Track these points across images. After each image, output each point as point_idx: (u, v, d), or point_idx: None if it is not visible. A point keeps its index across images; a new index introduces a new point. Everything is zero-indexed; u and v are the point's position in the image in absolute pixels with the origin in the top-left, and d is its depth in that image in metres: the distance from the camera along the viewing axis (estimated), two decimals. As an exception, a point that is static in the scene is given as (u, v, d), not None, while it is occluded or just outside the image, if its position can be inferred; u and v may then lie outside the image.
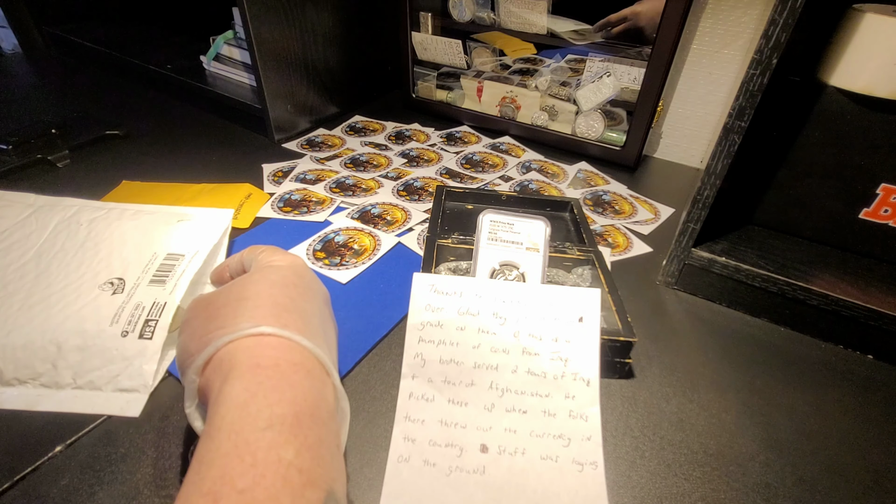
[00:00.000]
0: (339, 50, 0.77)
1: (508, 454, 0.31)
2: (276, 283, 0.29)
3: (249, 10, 0.62)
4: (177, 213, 0.48)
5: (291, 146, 0.72)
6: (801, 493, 0.32)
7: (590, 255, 0.46)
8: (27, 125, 0.69)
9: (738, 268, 0.45)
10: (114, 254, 0.43)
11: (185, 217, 0.48)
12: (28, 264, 0.42)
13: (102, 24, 1.07)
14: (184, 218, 0.48)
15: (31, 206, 0.48)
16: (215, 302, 0.28)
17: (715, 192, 0.42)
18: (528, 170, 0.68)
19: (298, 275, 0.31)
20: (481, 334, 0.33)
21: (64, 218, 0.46)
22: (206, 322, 0.27)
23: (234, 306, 0.27)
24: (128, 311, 0.38)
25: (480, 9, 0.75)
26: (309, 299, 0.29)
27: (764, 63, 0.37)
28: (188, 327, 0.28)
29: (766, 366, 0.41)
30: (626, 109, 0.71)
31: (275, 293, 0.28)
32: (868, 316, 0.41)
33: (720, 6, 0.64)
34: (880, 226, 0.45)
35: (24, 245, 0.43)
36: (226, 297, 0.28)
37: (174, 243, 0.44)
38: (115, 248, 0.43)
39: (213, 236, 0.46)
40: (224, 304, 0.27)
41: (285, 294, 0.28)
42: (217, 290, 0.30)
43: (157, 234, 0.45)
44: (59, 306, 0.38)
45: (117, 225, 0.46)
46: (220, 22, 0.81)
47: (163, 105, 0.84)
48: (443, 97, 0.83)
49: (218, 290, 0.30)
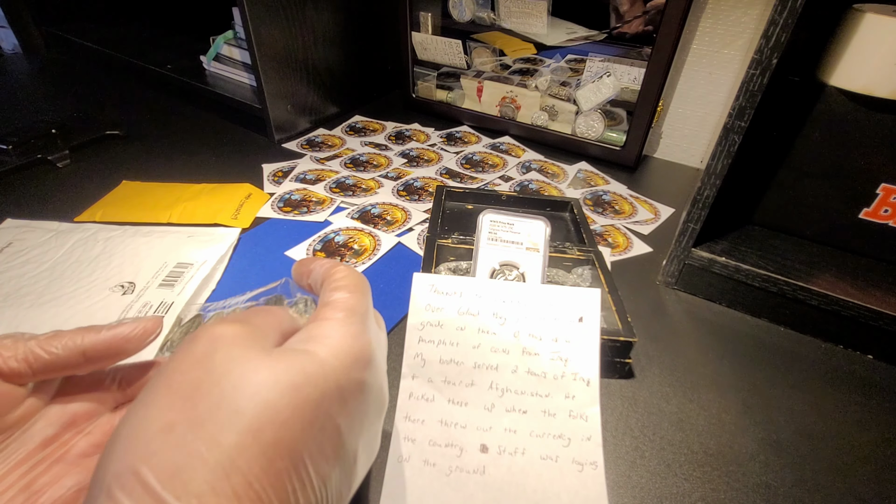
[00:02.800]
0: (339, 50, 0.77)
1: (508, 454, 0.31)
2: (294, 408, 0.16)
3: (249, 10, 0.62)
4: (187, 231, 0.51)
5: (291, 146, 0.72)
6: (801, 493, 0.32)
7: (590, 255, 0.46)
8: (27, 125, 0.69)
9: (738, 268, 0.45)
10: (126, 263, 0.45)
11: (194, 233, 0.50)
12: (43, 273, 0.43)
13: (102, 24, 1.07)
14: (194, 234, 0.50)
15: (52, 231, 0.50)
16: (179, 389, 0.16)
17: (715, 192, 0.42)
18: (528, 170, 0.68)
19: (342, 387, 0.18)
20: (481, 334, 0.33)
21: (82, 238, 0.48)
22: (141, 425, 0.15)
23: (183, 429, 0.15)
24: (136, 308, 0.40)
25: (480, 9, 0.75)
26: (342, 443, 0.18)
27: (764, 63, 0.37)
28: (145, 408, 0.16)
29: (766, 366, 0.41)
30: (626, 109, 0.71)
31: (274, 436, 0.15)
32: (868, 316, 0.41)
33: (720, 6, 0.64)
34: (880, 226, 0.45)
35: (41, 258, 0.45)
36: (198, 392, 0.16)
37: (184, 254, 0.47)
38: (128, 258, 0.45)
39: (221, 248, 0.48)
40: (180, 410, 0.15)
41: (294, 439, 0.16)
42: (201, 363, 0.16)
43: (168, 247, 0.47)
44: (68, 304, 0.39)
45: (131, 241, 0.48)
46: (220, 22, 0.81)
47: (163, 105, 0.84)
48: (443, 97, 0.83)
49: (204, 364, 0.16)
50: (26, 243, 0.47)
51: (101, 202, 0.56)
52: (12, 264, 0.44)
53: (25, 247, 0.47)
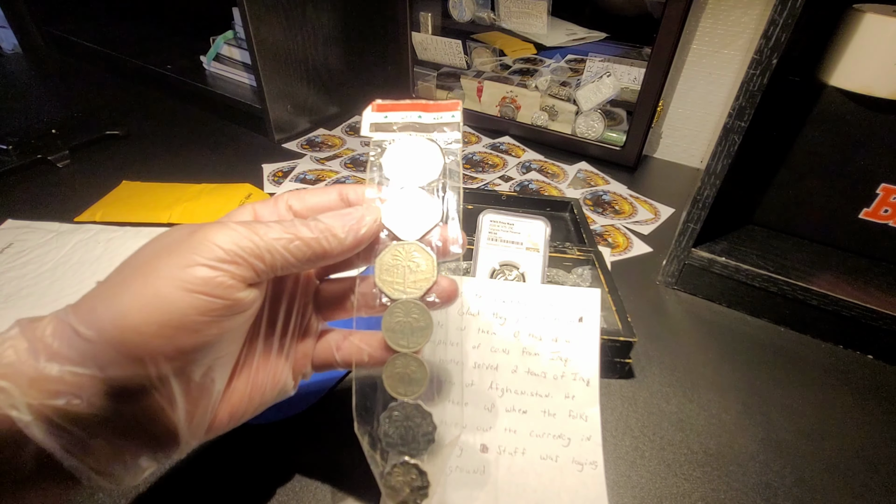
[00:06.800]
0: (339, 50, 0.77)
1: (508, 454, 0.31)
2: None
3: (249, 10, 0.62)
4: None
5: (291, 146, 0.72)
6: (801, 493, 0.32)
7: (590, 255, 0.46)
8: (27, 125, 0.69)
9: (738, 268, 0.45)
10: None
11: None
12: (44, 274, 0.43)
13: (102, 24, 1.07)
14: None
15: (54, 232, 0.50)
16: None
17: (715, 192, 0.42)
18: (528, 170, 0.68)
19: None
20: (481, 334, 0.33)
21: (83, 238, 0.48)
22: None
23: None
24: None
25: (480, 9, 0.75)
26: None
27: (764, 63, 0.37)
28: None
29: (766, 366, 0.41)
30: (626, 109, 0.71)
31: None
32: (868, 316, 0.41)
33: (720, 6, 0.64)
34: (880, 226, 0.45)
35: (43, 259, 0.45)
36: None
37: None
38: None
39: None
40: None
41: None
42: None
43: None
44: None
45: (132, 242, 0.48)
46: (220, 22, 0.81)
47: (163, 105, 0.84)
48: (443, 97, 0.83)
49: None
50: (27, 244, 0.47)
51: (102, 202, 0.56)
52: (13, 265, 0.44)
53: (27, 247, 0.47)
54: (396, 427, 0.23)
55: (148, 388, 0.18)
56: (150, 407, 0.19)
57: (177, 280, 0.18)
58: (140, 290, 0.18)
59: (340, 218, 0.22)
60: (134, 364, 0.18)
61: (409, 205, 0.24)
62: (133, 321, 0.17)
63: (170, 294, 0.18)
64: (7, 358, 0.17)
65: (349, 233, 0.22)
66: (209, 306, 0.18)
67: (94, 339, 0.17)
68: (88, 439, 0.18)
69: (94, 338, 0.17)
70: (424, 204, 0.24)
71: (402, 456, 0.23)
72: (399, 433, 0.23)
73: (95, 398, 0.17)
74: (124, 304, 0.18)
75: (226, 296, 0.19)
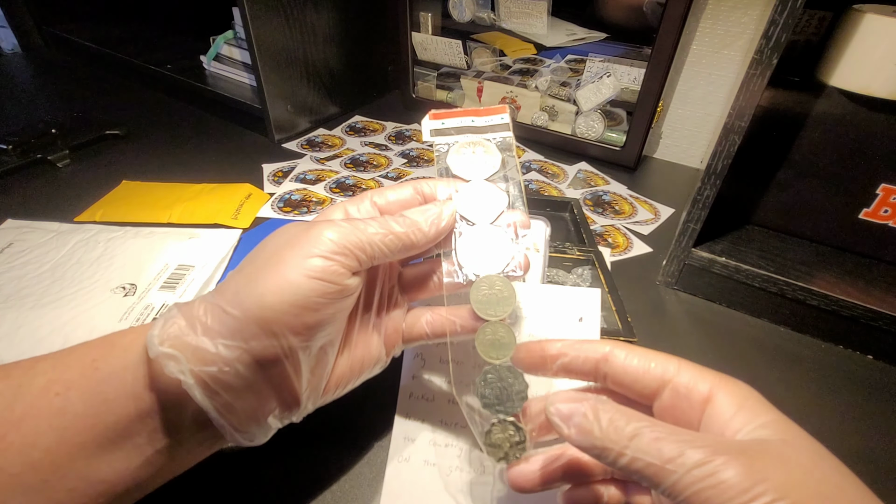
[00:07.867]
0: (339, 50, 0.77)
1: (508, 454, 0.31)
2: None
3: (249, 10, 0.62)
4: (188, 232, 0.51)
5: (291, 146, 0.72)
6: (801, 493, 0.32)
7: (590, 256, 0.46)
8: (27, 125, 0.69)
9: (738, 268, 0.45)
10: (127, 264, 0.45)
11: (195, 235, 0.50)
12: (44, 274, 0.43)
13: (102, 24, 1.07)
14: (194, 236, 0.50)
15: (53, 232, 0.50)
16: None
17: (715, 192, 0.42)
18: (528, 170, 0.68)
19: None
20: (481, 334, 0.33)
21: (83, 238, 0.48)
22: None
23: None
24: (137, 311, 0.39)
25: (480, 9, 0.75)
26: None
27: (764, 63, 0.37)
28: None
29: (767, 366, 0.41)
30: (626, 109, 0.71)
31: None
32: (868, 316, 0.41)
33: (720, 6, 0.64)
34: (880, 226, 0.45)
35: (42, 259, 0.45)
36: None
37: (185, 256, 0.47)
38: (130, 260, 0.45)
39: (221, 251, 0.48)
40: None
41: None
42: None
43: (169, 248, 0.48)
44: (70, 305, 0.39)
45: (132, 242, 0.48)
46: (220, 22, 0.81)
47: (163, 105, 0.84)
48: (443, 97, 0.83)
49: None
50: (27, 244, 0.47)
51: (102, 202, 0.56)
52: (13, 265, 0.44)
53: (26, 247, 0.46)
54: (492, 388, 0.25)
55: (280, 358, 0.22)
56: (281, 374, 0.22)
57: (301, 268, 0.22)
58: (273, 277, 0.21)
59: (423, 213, 0.26)
60: (270, 337, 0.21)
61: (479, 194, 0.28)
62: (270, 301, 0.21)
63: (296, 279, 0.21)
64: (175, 332, 0.20)
65: (432, 226, 0.26)
66: (326, 289, 0.22)
67: (240, 317, 0.21)
68: (234, 401, 0.21)
69: (240, 316, 0.21)
70: (491, 193, 0.28)
71: (499, 415, 0.25)
72: (494, 393, 0.25)
73: (241, 366, 0.21)
74: (262, 288, 0.21)
75: (338, 281, 0.22)
